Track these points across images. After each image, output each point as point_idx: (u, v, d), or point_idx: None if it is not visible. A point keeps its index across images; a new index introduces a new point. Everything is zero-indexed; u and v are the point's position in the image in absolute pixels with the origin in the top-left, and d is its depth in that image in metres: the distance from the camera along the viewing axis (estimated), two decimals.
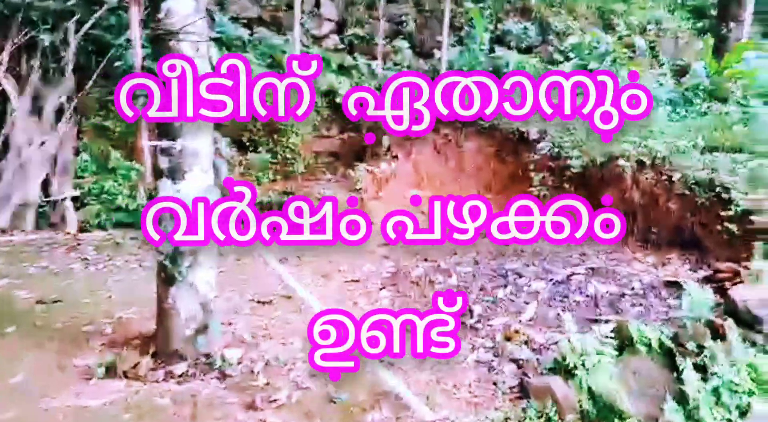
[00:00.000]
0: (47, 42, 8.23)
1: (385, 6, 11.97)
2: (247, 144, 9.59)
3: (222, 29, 9.98)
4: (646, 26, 13.93)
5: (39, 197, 8.25)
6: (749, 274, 4.93)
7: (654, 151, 7.48)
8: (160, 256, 4.39)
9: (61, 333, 5.03)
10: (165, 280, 4.44)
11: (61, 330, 5.10)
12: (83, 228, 8.25)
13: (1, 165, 8.18)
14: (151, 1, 4.18)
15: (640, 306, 5.71)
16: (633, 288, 6.17)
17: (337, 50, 12.26)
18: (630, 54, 12.33)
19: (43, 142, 8.37)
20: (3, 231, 7.97)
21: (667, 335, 4.31)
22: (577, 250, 7.30)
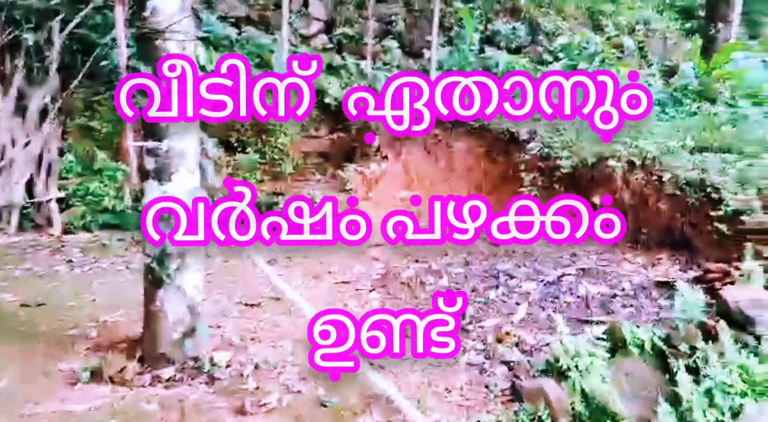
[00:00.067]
0: (31, 41, 8.10)
1: (375, 5, 11.91)
2: (235, 144, 9.50)
3: (209, 28, 9.90)
4: (634, 27, 13.99)
5: (23, 198, 8.12)
6: (740, 275, 4.92)
7: (644, 151, 7.48)
8: (147, 259, 4.33)
9: (46, 337, 4.95)
10: (152, 283, 4.38)
11: (45, 333, 5.02)
12: (68, 229, 8.14)
13: None
14: None
15: (631, 307, 5.70)
16: (623, 289, 6.15)
17: (325, 50, 12.20)
18: (619, 54, 12.41)
19: (28, 143, 8.24)
20: None
21: (660, 336, 4.30)
22: (567, 251, 7.28)
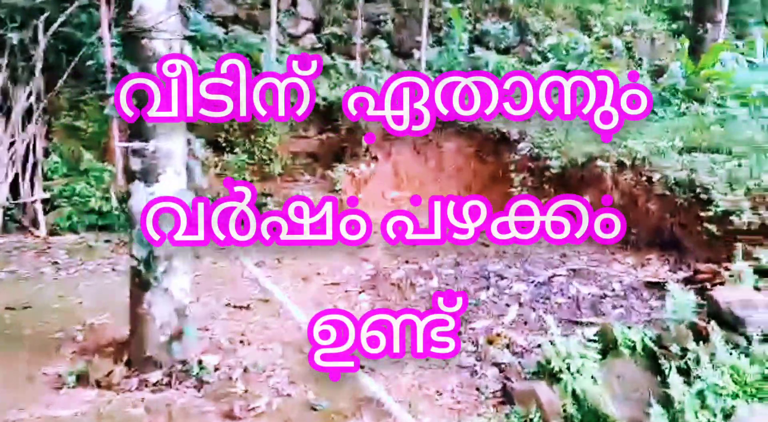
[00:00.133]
0: (15, 40, 7.98)
1: (363, 5, 11.88)
2: (223, 145, 9.42)
3: (197, 27, 9.82)
4: (622, 27, 14.03)
5: (7, 199, 8.02)
6: (730, 275, 4.92)
7: (634, 151, 7.49)
8: (133, 261, 4.27)
9: (31, 340, 4.87)
10: (139, 286, 4.32)
11: (30, 337, 4.95)
12: (54, 231, 8.05)
13: None
14: None
15: (621, 308, 5.69)
16: (614, 290, 6.15)
17: (314, 49, 12.15)
18: (607, 54, 12.42)
19: (12, 143, 8.14)
20: None
21: (651, 338, 4.29)
22: (557, 251, 7.27)
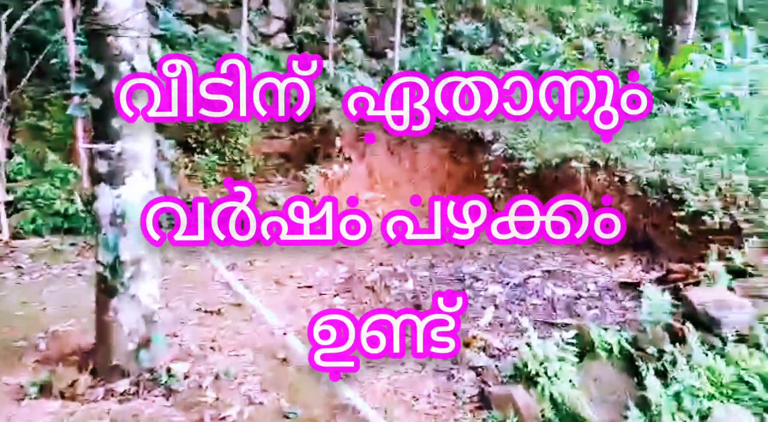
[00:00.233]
0: None
1: (336, 4, 11.77)
2: (194, 145, 9.24)
3: (166, 26, 9.61)
4: (593, 29, 14.15)
5: None
6: (705, 276, 4.94)
7: (607, 152, 7.52)
8: (99, 267, 4.13)
9: None
10: (105, 292, 4.18)
11: None
12: (17, 234, 7.76)
13: None
14: None
15: (596, 309, 5.70)
16: (588, 290, 6.16)
17: (286, 49, 12.02)
18: (579, 56, 12.51)
19: None
20: None
21: (627, 339, 4.27)
22: (531, 252, 7.27)
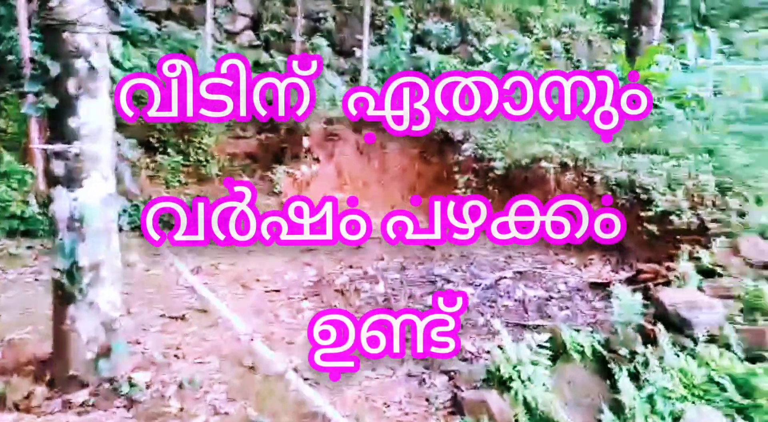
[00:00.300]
0: None
1: (303, 2, 11.62)
2: (156, 145, 9.00)
3: (127, 22, 9.34)
4: (560, 29, 14.26)
5: None
6: (676, 276, 4.95)
7: (576, 152, 7.53)
8: (56, 273, 3.92)
9: None
10: (62, 299, 3.98)
11: None
12: None
13: None
14: None
15: (567, 310, 5.68)
16: (559, 291, 6.15)
17: (252, 47, 11.84)
18: (546, 56, 12.58)
19: None
20: None
21: (599, 341, 4.24)
22: (502, 253, 7.23)
